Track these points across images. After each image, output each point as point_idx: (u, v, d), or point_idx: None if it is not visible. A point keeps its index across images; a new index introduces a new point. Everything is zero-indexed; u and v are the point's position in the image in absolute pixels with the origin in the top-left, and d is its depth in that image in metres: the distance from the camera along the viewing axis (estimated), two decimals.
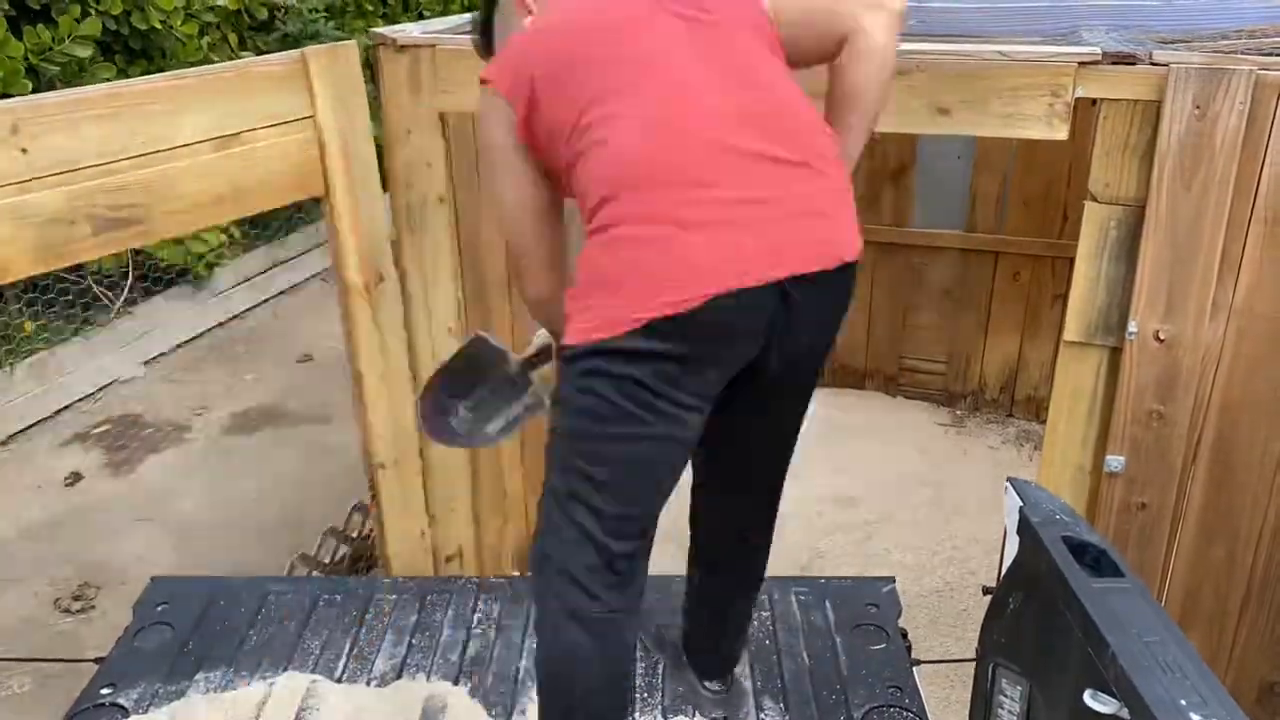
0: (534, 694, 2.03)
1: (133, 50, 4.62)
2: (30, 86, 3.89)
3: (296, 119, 2.34)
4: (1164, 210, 2.03)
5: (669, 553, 1.84)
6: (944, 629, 3.15)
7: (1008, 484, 1.64)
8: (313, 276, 6.00)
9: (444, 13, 7.06)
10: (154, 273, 5.01)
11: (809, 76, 1.67)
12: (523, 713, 2.00)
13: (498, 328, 2.98)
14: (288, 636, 2.20)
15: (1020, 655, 1.55)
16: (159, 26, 4.56)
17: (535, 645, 1.68)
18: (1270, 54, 2.01)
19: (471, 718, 1.99)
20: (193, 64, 4.60)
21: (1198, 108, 1.96)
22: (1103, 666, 1.27)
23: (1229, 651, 2.34)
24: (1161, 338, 2.11)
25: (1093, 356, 2.22)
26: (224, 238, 5.18)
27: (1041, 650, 1.49)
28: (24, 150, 1.89)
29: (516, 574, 3.14)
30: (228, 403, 4.62)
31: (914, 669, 2.08)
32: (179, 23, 4.67)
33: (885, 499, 3.77)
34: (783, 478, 1.81)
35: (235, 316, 5.49)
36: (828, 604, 2.26)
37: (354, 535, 3.14)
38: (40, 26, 4.04)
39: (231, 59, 4.97)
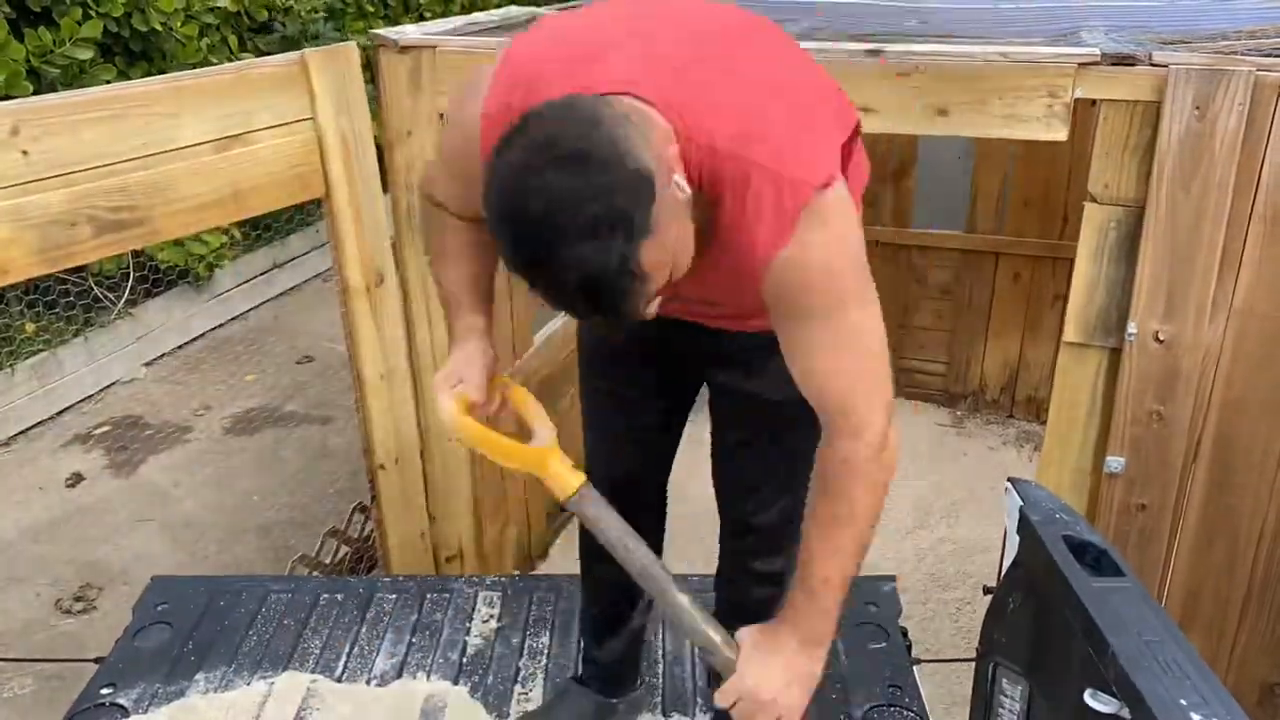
0: (533, 693, 2.04)
1: (133, 52, 4.63)
2: (31, 89, 3.89)
3: (297, 120, 2.34)
4: (1163, 211, 2.04)
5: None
6: (944, 628, 3.15)
7: (1008, 484, 1.64)
8: (313, 277, 6.01)
9: (445, 14, 7.06)
10: (154, 274, 5.01)
11: None
12: (522, 712, 2.00)
13: (498, 328, 2.98)
14: (288, 636, 2.20)
15: (1020, 655, 1.55)
16: (159, 28, 4.56)
17: None
18: (1269, 55, 2.02)
19: (471, 717, 1.99)
20: (192, 66, 4.60)
21: (1197, 108, 1.96)
22: (1103, 666, 1.27)
23: (1229, 653, 2.34)
24: (1161, 338, 2.12)
25: (1093, 357, 2.22)
26: (224, 239, 5.18)
27: (1042, 650, 1.50)
28: (25, 152, 1.89)
29: (516, 574, 3.14)
30: (228, 403, 4.62)
31: (914, 668, 2.08)
32: (179, 24, 4.68)
33: (885, 499, 3.76)
34: None
35: (236, 318, 5.49)
36: None
37: (354, 536, 3.14)
38: (41, 29, 4.04)
39: (231, 60, 4.97)
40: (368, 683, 2.08)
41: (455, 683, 2.08)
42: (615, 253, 1.07)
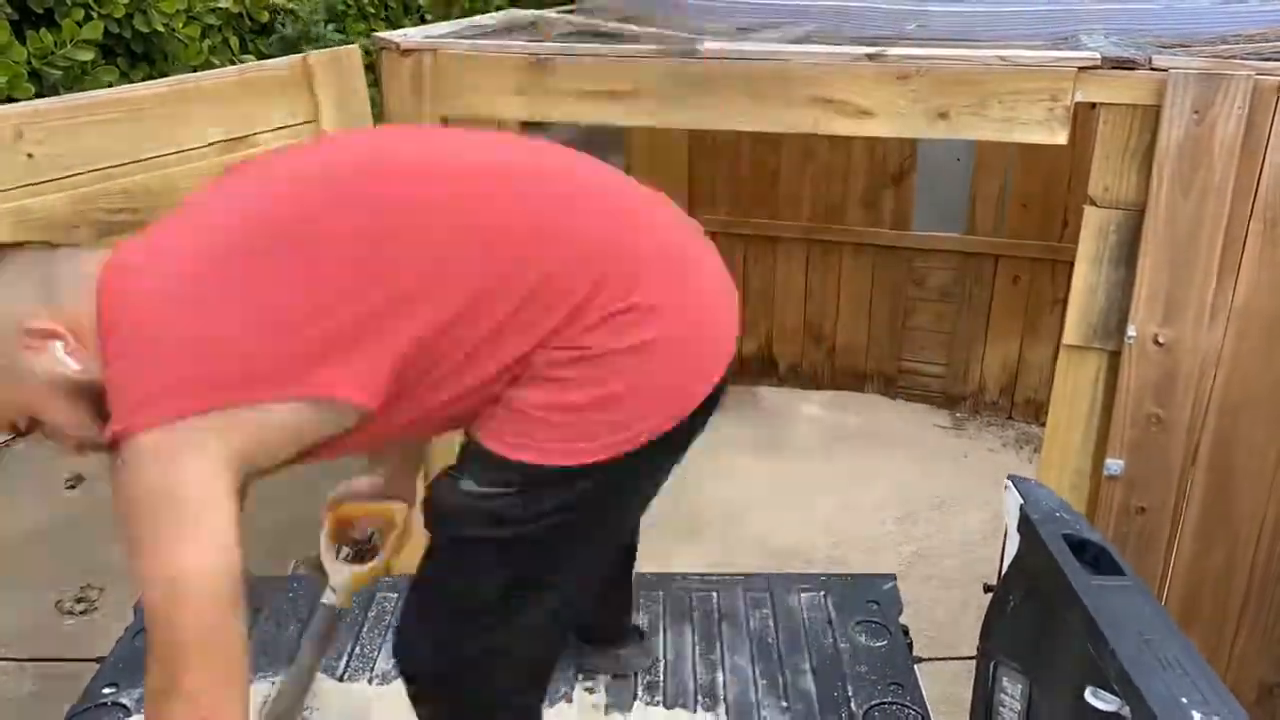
0: None
1: (135, 54, 4.63)
2: (33, 90, 3.90)
3: (299, 123, 2.35)
4: (1163, 214, 2.05)
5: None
6: (945, 627, 3.16)
7: (1008, 481, 1.65)
8: None
9: (445, 17, 7.07)
10: None
11: None
12: None
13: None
14: (289, 636, 2.21)
15: (1021, 653, 1.56)
16: (161, 30, 4.57)
17: None
18: (1269, 58, 2.03)
19: None
20: (194, 67, 4.60)
21: (1196, 112, 1.97)
22: (1103, 664, 1.27)
23: (1228, 654, 2.35)
24: (1161, 341, 2.12)
25: (1092, 360, 2.23)
26: None
27: (1042, 648, 1.50)
28: (29, 155, 1.90)
29: None
30: None
31: (915, 666, 2.08)
32: (181, 26, 4.68)
33: (885, 500, 3.77)
34: None
35: None
36: (829, 601, 2.27)
37: (355, 538, 3.14)
38: (43, 30, 4.05)
39: (232, 62, 4.98)
40: (370, 682, 2.08)
41: None
42: None
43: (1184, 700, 1.18)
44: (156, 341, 1.17)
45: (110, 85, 4.07)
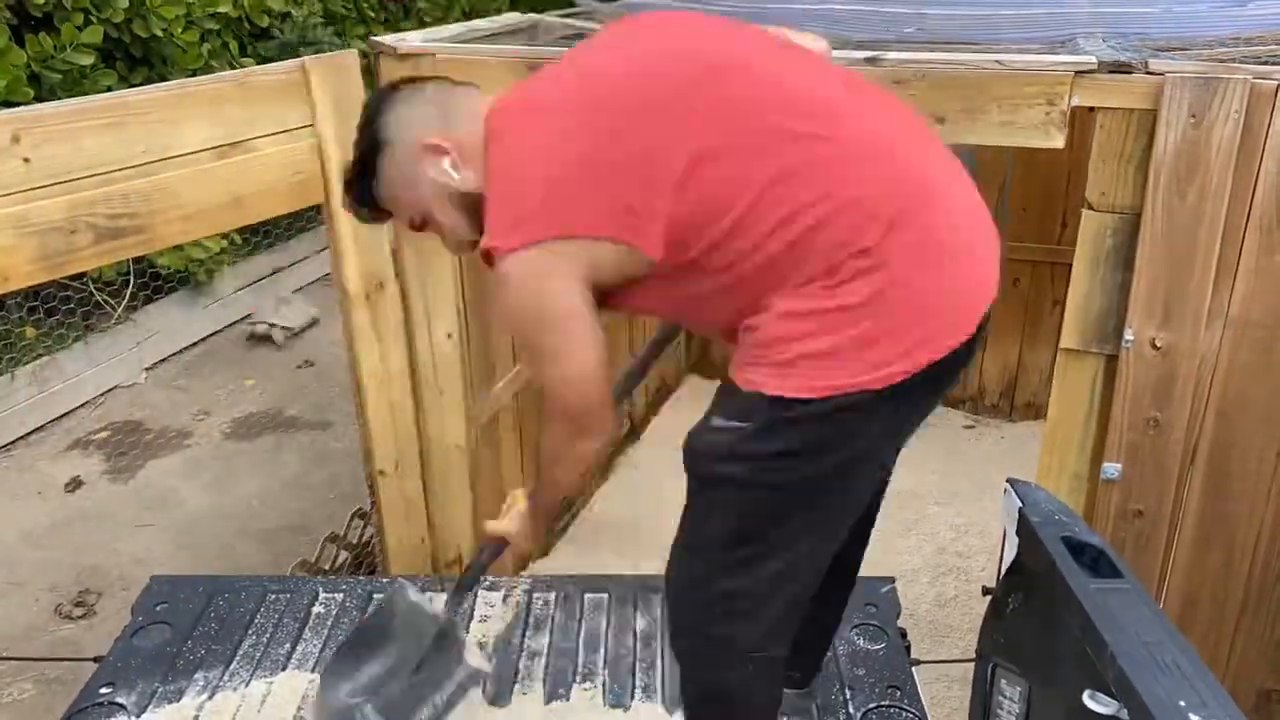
0: (533, 692, 2.05)
1: (134, 57, 4.64)
2: (32, 94, 3.90)
3: (297, 128, 2.35)
4: (1160, 218, 2.05)
5: None
6: (943, 629, 3.16)
7: (1007, 485, 1.65)
8: (313, 282, 6.01)
9: (444, 20, 7.08)
10: (155, 279, 5.02)
11: None
12: (521, 707, 2.01)
13: (498, 334, 2.98)
14: (287, 636, 2.21)
15: (1019, 655, 1.56)
16: (160, 34, 4.58)
17: None
18: (1265, 63, 2.03)
19: (471, 714, 2.00)
20: (193, 71, 4.61)
21: (1193, 116, 1.97)
22: (1101, 667, 1.28)
23: (1226, 659, 2.35)
24: (1158, 345, 2.13)
25: (1090, 364, 2.23)
26: (224, 243, 5.19)
27: (1040, 650, 1.50)
28: (26, 160, 1.90)
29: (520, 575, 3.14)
30: (228, 408, 4.62)
31: (913, 669, 2.08)
32: (180, 30, 4.69)
33: (882, 502, 3.76)
34: None
35: (236, 322, 5.49)
36: None
37: (354, 541, 3.15)
38: (42, 34, 4.06)
39: (232, 66, 4.98)
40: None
41: None
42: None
43: (1182, 703, 1.18)
44: (525, 179, 1.43)
45: (109, 89, 4.08)
